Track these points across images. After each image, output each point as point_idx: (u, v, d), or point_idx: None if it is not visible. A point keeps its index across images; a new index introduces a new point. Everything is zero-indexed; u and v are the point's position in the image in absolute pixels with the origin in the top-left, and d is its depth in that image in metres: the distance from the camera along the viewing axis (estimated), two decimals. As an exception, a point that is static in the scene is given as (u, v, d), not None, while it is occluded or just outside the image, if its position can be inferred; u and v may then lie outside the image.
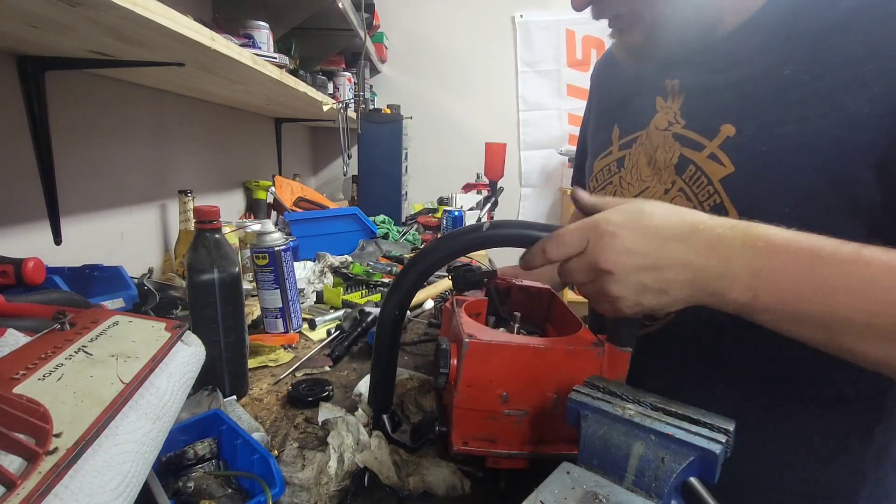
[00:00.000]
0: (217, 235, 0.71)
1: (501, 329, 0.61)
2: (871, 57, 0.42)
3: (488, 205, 1.99)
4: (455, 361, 0.48)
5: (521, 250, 0.48)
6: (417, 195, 2.74)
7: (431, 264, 0.51)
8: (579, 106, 2.95)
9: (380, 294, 1.18)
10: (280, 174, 2.11)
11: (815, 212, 0.45)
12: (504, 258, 1.01)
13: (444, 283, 1.17)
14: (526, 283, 0.69)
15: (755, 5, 0.51)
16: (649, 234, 0.41)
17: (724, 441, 0.34)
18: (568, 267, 0.44)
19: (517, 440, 0.48)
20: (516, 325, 0.59)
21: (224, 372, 0.69)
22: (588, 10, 0.54)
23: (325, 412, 0.62)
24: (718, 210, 0.50)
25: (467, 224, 1.71)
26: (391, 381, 0.56)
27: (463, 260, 0.99)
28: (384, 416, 0.55)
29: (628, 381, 0.48)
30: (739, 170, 0.49)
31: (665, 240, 0.41)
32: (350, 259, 1.36)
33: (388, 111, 2.04)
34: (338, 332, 0.92)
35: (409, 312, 1.03)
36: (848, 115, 0.43)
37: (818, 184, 0.45)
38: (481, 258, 1.52)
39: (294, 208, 1.71)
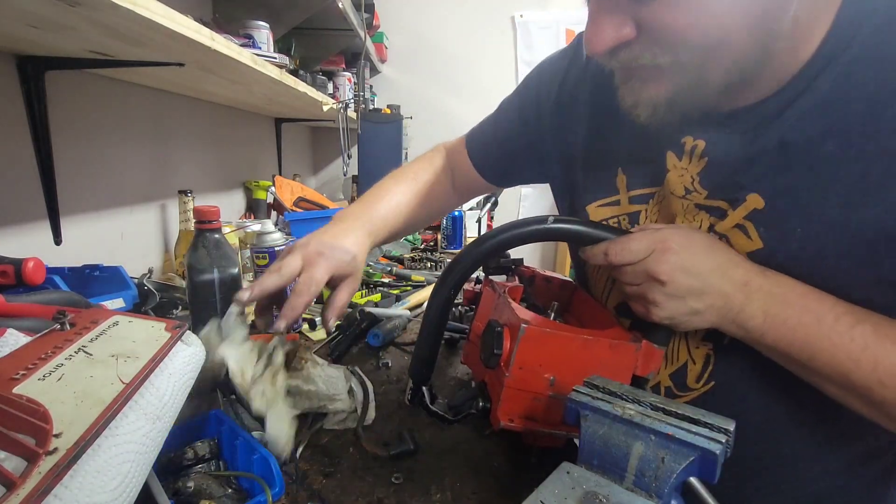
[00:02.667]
0: (217, 235, 0.71)
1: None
2: None
3: (488, 205, 1.99)
4: (508, 344, 0.50)
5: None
6: (417, 195, 2.74)
7: (493, 248, 0.52)
8: (579, 106, 2.96)
9: (380, 294, 1.18)
10: (280, 174, 2.11)
11: (855, 299, 0.43)
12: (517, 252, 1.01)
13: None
14: (549, 273, 0.73)
15: (797, 65, 0.44)
16: (704, 260, 0.45)
17: (724, 441, 0.34)
18: (622, 269, 0.48)
19: (558, 420, 0.51)
20: (552, 314, 0.62)
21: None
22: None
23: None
24: None
25: (467, 225, 1.71)
26: (434, 356, 0.58)
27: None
28: (424, 388, 0.57)
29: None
30: (769, 249, 0.46)
31: (713, 269, 0.45)
32: (350, 259, 1.36)
33: (388, 111, 2.04)
34: (338, 332, 0.92)
35: (408, 312, 1.03)
36: None
37: (861, 279, 0.43)
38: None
39: (294, 208, 1.71)
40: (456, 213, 1.62)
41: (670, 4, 0.39)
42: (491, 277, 0.67)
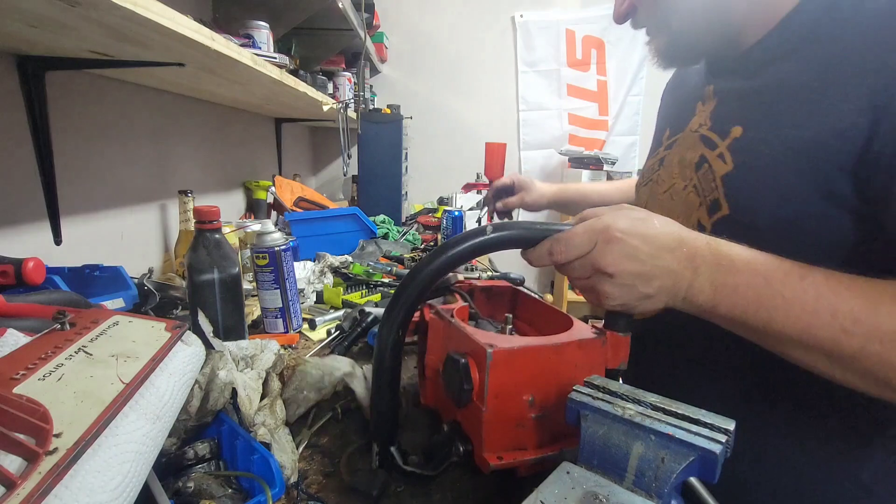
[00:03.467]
0: (217, 235, 0.71)
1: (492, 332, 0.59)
2: (871, 70, 0.44)
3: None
4: (477, 375, 0.46)
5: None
6: (417, 195, 2.74)
7: (433, 275, 0.48)
8: (579, 106, 2.96)
9: (380, 294, 1.18)
10: (280, 174, 2.11)
11: (799, 211, 0.48)
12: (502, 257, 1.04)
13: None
14: (485, 283, 0.70)
15: (779, 15, 0.53)
16: (648, 243, 0.45)
17: (724, 441, 0.34)
18: (569, 265, 0.47)
19: (545, 440, 0.48)
20: (509, 327, 0.58)
21: (224, 372, 0.69)
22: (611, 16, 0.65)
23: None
24: (716, 206, 0.55)
25: (467, 225, 1.71)
26: (395, 410, 0.52)
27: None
28: (392, 449, 0.51)
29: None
30: (737, 169, 0.53)
31: (659, 249, 0.45)
32: (350, 259, 1.37)
33: (388, 111, 2.04)
34: (338, 332, 0.92)
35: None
36: (839, 124, 0.45)
37: (802, 186, 0.47)
38: (481, 258, 1.52)
39: (294, 208, 1.71)
40: (456, 213, 1.62)
41: None
42: (430, 302, 0.62)
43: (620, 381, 0.49)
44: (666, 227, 0.46)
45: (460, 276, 0.70)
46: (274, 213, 1.82)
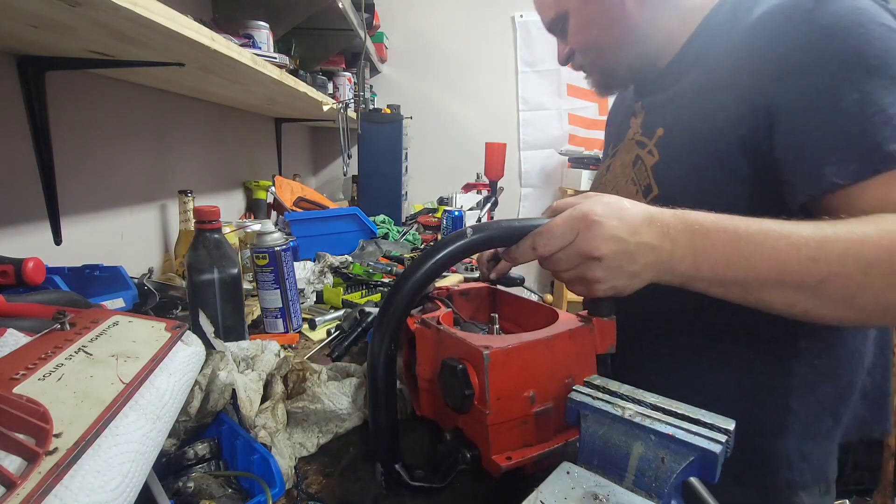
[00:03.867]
0: (217, 235, 0.71)
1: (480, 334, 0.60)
2: (744, 71, 0.56)
3: (488, 205, 1.99)
4: (477, 379, 0.46)
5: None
6: (417, 195, 2.74)
7: (420, 283, 0.47)
8: (579, 106, 2.96)
9: (380, 294, 1.18)
10: (280, 174, 2.11)
11: (709, 185, 0.58)
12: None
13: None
14: (462, 286, 0.71)
15: (681, 41, 0.67)
16: (625, 222, 0.47)
17: (724, 441, 0.34)
18: (554, 257, 0.48)
19: (549, 434, 0.48)
20: (495, 327, 0.58)
21: (224, 372, 0.69)
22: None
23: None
24: (649, 189, 0.65)
25: (466, 224, 1.71)
26: (395, 425, 0.50)
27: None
28: (396, 467, 0.49)
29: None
30: (662, 159, 0.64)
31: (636, 226, 0.47)
32: (350, 259, 1.36)
33: (388, 111, 2.04)
34: (338, 332, 0.92)
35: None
36: (728, 115, 0.57)
37: (710, 165, 0.58)
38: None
39: (294, 208, 1.71)
40: (456, 213, 1.62)
41: (571, 35, 0.71)
42: (412, 313, 0.61)
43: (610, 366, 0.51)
44: (636, 207, 0.49)
45: (437, 283, 0.70)
46: (274, 213, 1.82)
